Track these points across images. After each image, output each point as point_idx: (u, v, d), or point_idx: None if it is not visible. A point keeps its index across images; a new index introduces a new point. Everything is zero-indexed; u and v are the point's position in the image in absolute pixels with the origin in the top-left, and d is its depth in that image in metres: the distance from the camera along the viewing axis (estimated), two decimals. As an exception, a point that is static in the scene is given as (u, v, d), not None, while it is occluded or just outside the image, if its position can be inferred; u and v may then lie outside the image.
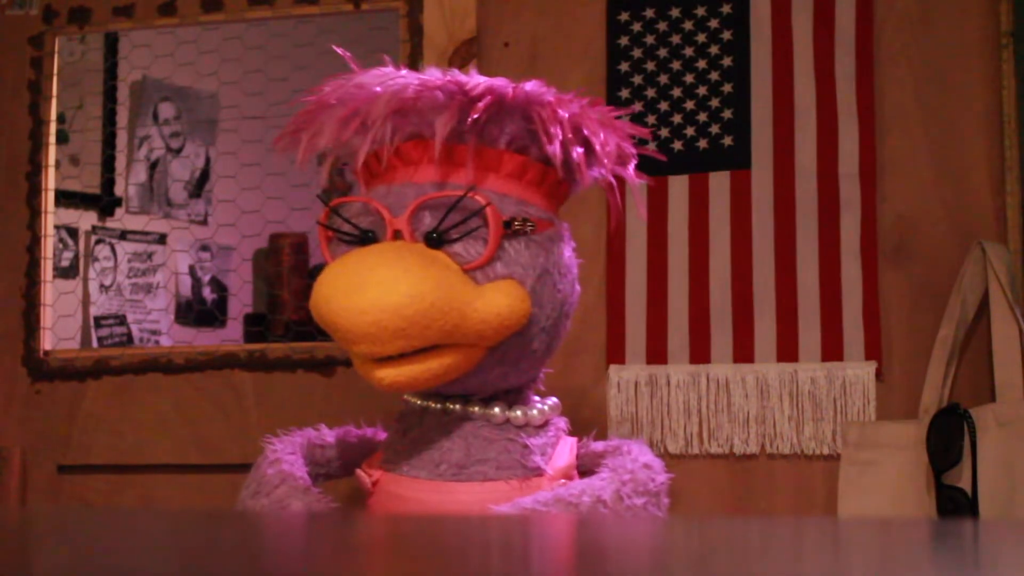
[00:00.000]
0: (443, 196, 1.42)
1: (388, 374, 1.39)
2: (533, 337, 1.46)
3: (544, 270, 1.45)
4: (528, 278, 1.43)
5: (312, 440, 1.60)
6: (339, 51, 1.55)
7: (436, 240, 1.41)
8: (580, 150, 1.44)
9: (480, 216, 1.41)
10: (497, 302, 1.40)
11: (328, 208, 1.50)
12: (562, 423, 1.56)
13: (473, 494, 1.44)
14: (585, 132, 1.45)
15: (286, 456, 1.53)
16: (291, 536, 0.68)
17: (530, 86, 1.45)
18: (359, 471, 1.53)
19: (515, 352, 1.46)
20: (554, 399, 1.55)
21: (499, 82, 1.44)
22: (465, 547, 0.64)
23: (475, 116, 1.40)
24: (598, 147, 1.44)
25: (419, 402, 1.51)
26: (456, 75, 1.44)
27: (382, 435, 1.64)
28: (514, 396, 1.52)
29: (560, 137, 1.42)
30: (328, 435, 1.62)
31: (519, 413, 1.48)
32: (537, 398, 1.55)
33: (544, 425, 1.52)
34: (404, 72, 1.48)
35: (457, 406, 1.48)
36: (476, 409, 1.48)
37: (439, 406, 1.49)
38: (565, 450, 1.53)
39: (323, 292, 1.37)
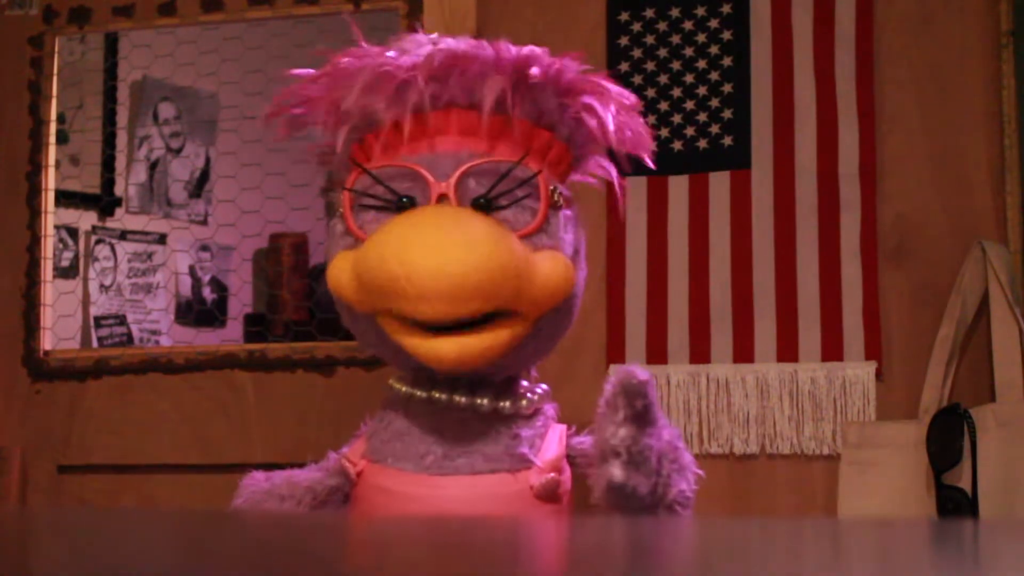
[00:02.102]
0: (491, 163, 1.39)
1: (452, 348, 1.34)
2: (567, 312, 1.46)
3: (576, 246, 1.47)
4: (568, 251, 1.44)
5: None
6: (350, 23, 1.47)
7: (484, 206, 1.38)
8: (628, 134, 1.45)
9: (530, 185, 1.40)
10: (553, 270, 1.39)
11: (360, 171, 1.42)
12: (551, 411, 1.51)
13: (460, 488, 1.40)
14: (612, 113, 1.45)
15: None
16: (291, 536, 0.68)
17: (567, 64, 1.42)
18: (343, 461, 1.49)
19: (550, 327, 1.45)
20: (544, 386, 1.50)
21: (539, 53, 1.41)
22: (464, 547, 0.64)
23: (529, 94, 1.38)
24: (616, 130, 1.44)
25: (404, 389, 1.46)
26: (498, 43, 1.40)
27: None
28: (504, 384, 1.47)
29: (614, 122, 1.41)
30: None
31: (507, 403, 1.44)
32: (526, 383, 1.50)
33: (534, 415, 1.47)
34: (435, 37, 1.43)
35: (443, 395, 1.43)
36: (463, 399, 1.42)
37: (424, 395, 1.43)
38: (554, 440, 1.48)
39: (392, 250, 1.31)
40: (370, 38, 1.49)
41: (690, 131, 2.05)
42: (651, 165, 1.54)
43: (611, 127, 1.42)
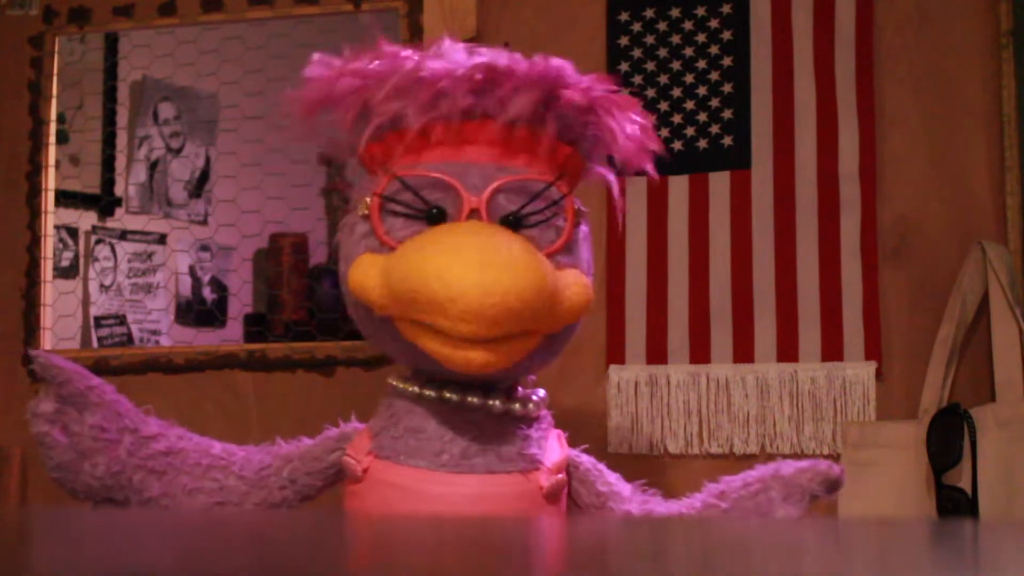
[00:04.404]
0: (522, 180, 1.41)
1: (480, 356, 1.35)
2: (577, 327, 1.48)
3: (590, 261, 1.49)
4: (585, 267, 1.47)
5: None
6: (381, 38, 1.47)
7: (513, 223, 1.40)
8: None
9: (557, 204, 1.42)
10: (576, 291, 1.41)
11: (391, 177, 1.42)
12: (549, 416, 1.54)
13: (476, 486, 1.41)
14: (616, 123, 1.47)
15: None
16: (291, 536, 0.68)
17: (595, 83, 1.45)
18: (346, 458, 1.50)
19: (561, 342, 1.47)
20: (543, 391, 1.52)
21: (571, 71, 1.43)
22: (465, 547, 0.64)
23: (561, 112, 1.41)
24: (621, 140, 1.47)
25: (412, 389, 1.46)
26: (532, 59, 1.42)
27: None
28: (509, 388, 1.48)
29: (627, 143, 1.45)
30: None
31: (518, 406, 1.45)
32: (522, 389, 1.51)
33: (538, 418, 1.49)
34: (473, 49, 1.44)
35: (455, 396, 1.44)
36: (475, 400, 1.44)
37: (434, 394, 1.44)
38: (555, 443, 1.50)
39: (433, 269, 1.31)
40: (369, 39, 1.49)
41: (690, 131, 2.05)
42: (653, 175, 1.54)
43: (622, 145, 1.46)
